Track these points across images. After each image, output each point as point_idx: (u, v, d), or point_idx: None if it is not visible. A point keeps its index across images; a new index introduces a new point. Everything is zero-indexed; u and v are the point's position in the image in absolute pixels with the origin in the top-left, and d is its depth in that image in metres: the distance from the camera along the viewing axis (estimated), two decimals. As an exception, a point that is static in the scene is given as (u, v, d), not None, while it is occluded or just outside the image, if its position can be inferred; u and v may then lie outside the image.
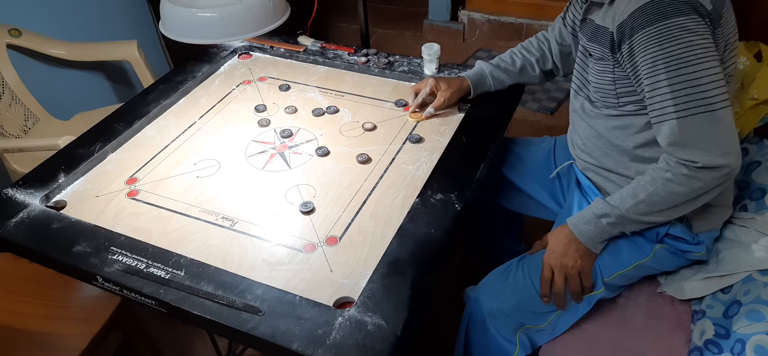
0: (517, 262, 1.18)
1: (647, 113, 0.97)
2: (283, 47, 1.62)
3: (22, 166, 1.78)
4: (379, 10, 3.62)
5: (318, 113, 1.36)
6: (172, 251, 0.99)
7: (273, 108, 1.39)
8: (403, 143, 1.25)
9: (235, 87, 1.49)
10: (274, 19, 1.20)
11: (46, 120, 2.00)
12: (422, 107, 1.33)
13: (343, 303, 0.90)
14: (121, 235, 1.03)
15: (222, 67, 1.58)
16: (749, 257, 1.05)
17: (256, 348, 0.89)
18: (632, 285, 1.17)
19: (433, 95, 1.32)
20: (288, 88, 1.47)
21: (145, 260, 0.97)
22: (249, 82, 1.51)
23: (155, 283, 0.93)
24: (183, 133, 1.32)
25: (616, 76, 1.02)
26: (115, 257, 0.98)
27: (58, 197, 1.15)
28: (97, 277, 0.96)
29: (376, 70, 1.51)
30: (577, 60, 1.16)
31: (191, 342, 1.69)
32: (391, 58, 1.54)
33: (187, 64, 1.55)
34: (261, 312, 0.86)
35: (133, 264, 0.96)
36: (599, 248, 1.08)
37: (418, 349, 1.58)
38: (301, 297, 0.89)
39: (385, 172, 1.17)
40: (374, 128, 1.30)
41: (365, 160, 1.19)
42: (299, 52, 1.60)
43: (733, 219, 1.12)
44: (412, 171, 1.16)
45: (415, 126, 1.30)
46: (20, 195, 1.12)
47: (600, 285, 1.11)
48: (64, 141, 1.51)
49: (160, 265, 0.96)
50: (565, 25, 1.26)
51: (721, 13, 0.92)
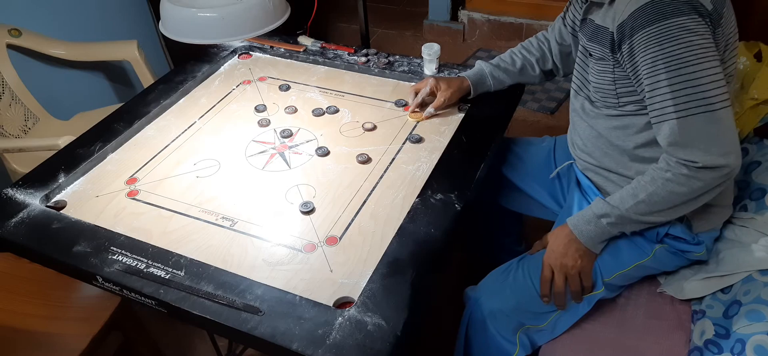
0: (517, 262, 1.18)
1: (647, 113, 0.97)
2: (283, 47, 1.62)
3: (22, 166, 1.78)
4: (379, 10, 3.62)
5: (318, 113, 1.36)
6: (172, 251, 0.99)
7: (273, 108, 1.39)
8: (403, 143, 1.25)
9: (235, 87, 1.49)
10: (274, 19, 1.20)
11: (46, 120, 2.00)
12: (422, 106, 1.33)
13: (343, 303, 0.90)
14: (121, 235, 1.03)
15: (222, 67, 1.58)
16: (749, 257, 1.05)
17: (256, 348, 0.89)
18: (632, 285, 1.17)
19: (433, 94, 1.32)
20: (288, 88, 1.47)
21: (145, 260, 0.97)
22: (249, 82, 1.51)
23: (155, 283, 0.93)
24: (183, 133, 1.32)
25: (616, 76, 1.02)
26: (115, 257, 0.98)
27: (58, 197, 1.15)
28: (97, 277, 0.96)
29: (376, 70, 1.51)
30: (577, 60, 1.16)
31: (191, 342, 1.69)
32: (391, 58, 1.54)
33: (187, 64, 1.55)
34: (261, 312, 0.86)
35: (133, 264, 0.96)
36: (599, 249, 1.08)
37: (418, 349, 1.58)
38: (301, 297, 0.89)
39: (385, 172, 1.17)
40: (374, 128, 1.30)
41: (365, 160, 1.19)
42: (299, 52, 1.60)
43: (733, 219, 1.12)
44: (412, 171, 1.16)
45: (415, 126, 1.30)
46: (20, 195, 1.12)
47: (600, 285, 1.11)
48: (64, 141, 1.51)
49: (160, 265, 0.96)
50: (565, 25, 1.26)
51: (722, 13, 0.92)
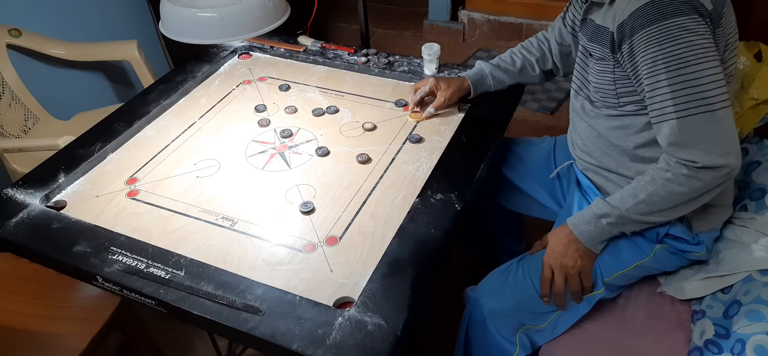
0: (517, 262, 1.18)
1: (647, 113, 0.97)
2: (283, 47, 1.62)
3: (22, 166, 1.78)
4: (379, 10, 3.62)
5: (318, 113, 1.36)
6: (172, 251, 0.99)
7: (273, 108, 1.39)
8: (403, 143, 1.25)
9: (235, 87, 1.49)
10: (274, 19, 1.20)
11: (46, 120, 2.00)
12: (422, 106, 1.33)
13: (343, 303, 0.90)
14: (121, 235, 1.03)
15: (222, 67, 1.58)
16: (749, 258, 1.05)
17: (256, 348, 0.89)
18: (632, 285, 1.17)
19: (433, 94, 1.32)
20: (288, 88, 1.47)
21: (145, 261, 0.97)
22: (249, 82, 1.51)
23: (155, 283, 0.93)
24: (183, 133, 1.32)
25: (616, 76, 1.02)
26: (115, 257, 0.98)
27: (58, 197, 1.15)
28: (97, 277, 0.96)
29: (376, 70, 1.51)
30: (578, 60, 1.16)
31: (191, 342, 1.69)
32: (391, 58, 1.54)
33: (187, 64, 1.55)
34: (261, 312, 0.86)
35: (133, 264, 0.96)
36: (599, 249, 1.08)
37: (418, 349, 1.58)
38: (301, 297, 0.89)
39: (385, 172, 1.16)
40: (374, 128, 1.30)
41: (365, 160, 1.19)
42: (299, 52, 1.60)
43: (733, 219, 1.12)
44: (412, 171, 1.16)
45: (415, 126, 1.30)
46: (20, 195, 1.12)
47: (600, 285, 1.11)
48: (64, 141, 1.51)
49: (160, 265, 0.96)
50: (565, 25, 1.26)
51: (722, 13, 0.92)
